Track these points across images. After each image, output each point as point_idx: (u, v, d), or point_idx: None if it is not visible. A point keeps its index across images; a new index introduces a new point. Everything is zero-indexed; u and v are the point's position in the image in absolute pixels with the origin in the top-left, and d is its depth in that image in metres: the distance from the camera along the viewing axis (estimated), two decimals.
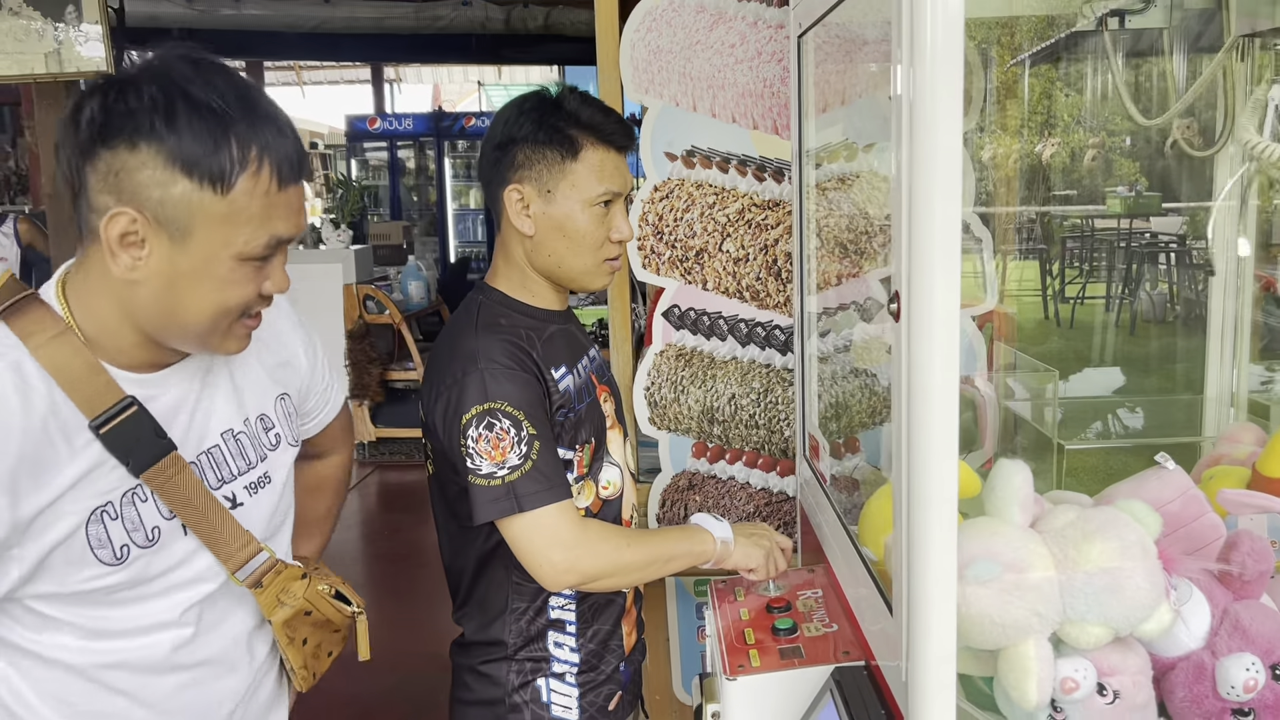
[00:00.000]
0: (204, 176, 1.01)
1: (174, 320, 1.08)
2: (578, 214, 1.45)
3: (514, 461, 1.35)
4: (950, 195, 1.00)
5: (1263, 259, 2.08)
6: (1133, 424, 2.06)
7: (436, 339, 1.53)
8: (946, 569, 1.04)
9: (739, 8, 2.17)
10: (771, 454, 2.29)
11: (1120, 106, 4.17)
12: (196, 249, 1.03)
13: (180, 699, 1.20)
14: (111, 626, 1.13)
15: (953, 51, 0.98)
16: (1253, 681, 1.09)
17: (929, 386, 1.03)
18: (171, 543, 1.14)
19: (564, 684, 1.53)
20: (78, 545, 1.06)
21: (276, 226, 1.07)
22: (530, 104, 1.46)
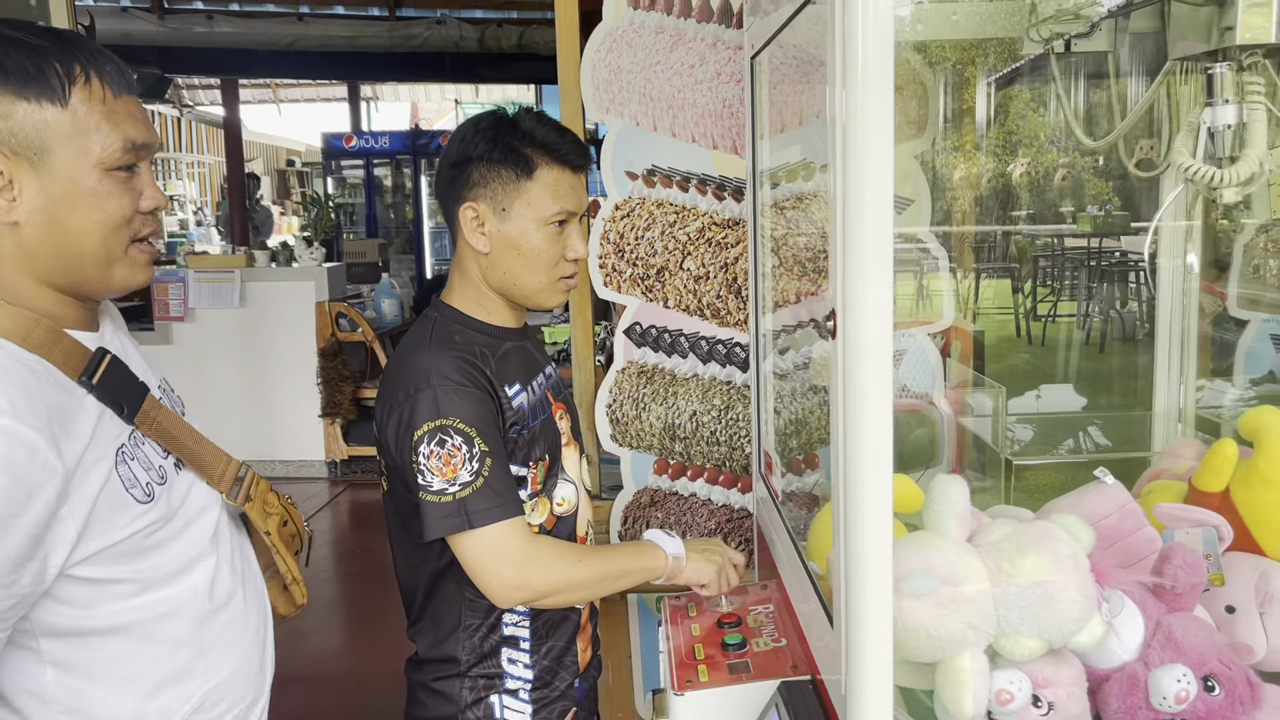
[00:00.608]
0: (39, 95, 1.05)
1: (71, 254, 1.09)
2: (532, 232, 1.47)
3: (465, 478, 1.36)
4: (882, 215, 1.02)
5: (1214, 278, 2.12)
6: (1089, 440, 2.09)
7: (391, 356, 1.54)
8: (882, 582, 1.06)
9: (698, 29, 2.20)
10: (732, 470, 2.31)
11: (1085, 128, 4.21)
12: (59, 167, 1.06)
13: (228, 637, 1.23)
14: (157, 573, 1.14)
15: (883, 76, 1.00)
16: (1184, 693, 1.11)
17: (864, 402, 1.05)
18: (174, 479, 1.18)
19: (517, 700, 1.53)
20: (115, 488, 1.08)
21: (126, 130, 1.10)
22: (486, 123, 1.48)
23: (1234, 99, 1.28)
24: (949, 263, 2.26)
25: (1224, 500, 1.34)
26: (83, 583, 1.07)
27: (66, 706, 1.11)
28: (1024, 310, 8.77)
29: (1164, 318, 1.91)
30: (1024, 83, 4.30)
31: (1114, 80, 1.81)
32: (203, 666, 1.20)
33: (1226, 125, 1.29)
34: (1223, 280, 2.19)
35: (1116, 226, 8.20)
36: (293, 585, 1.37)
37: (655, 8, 2.21)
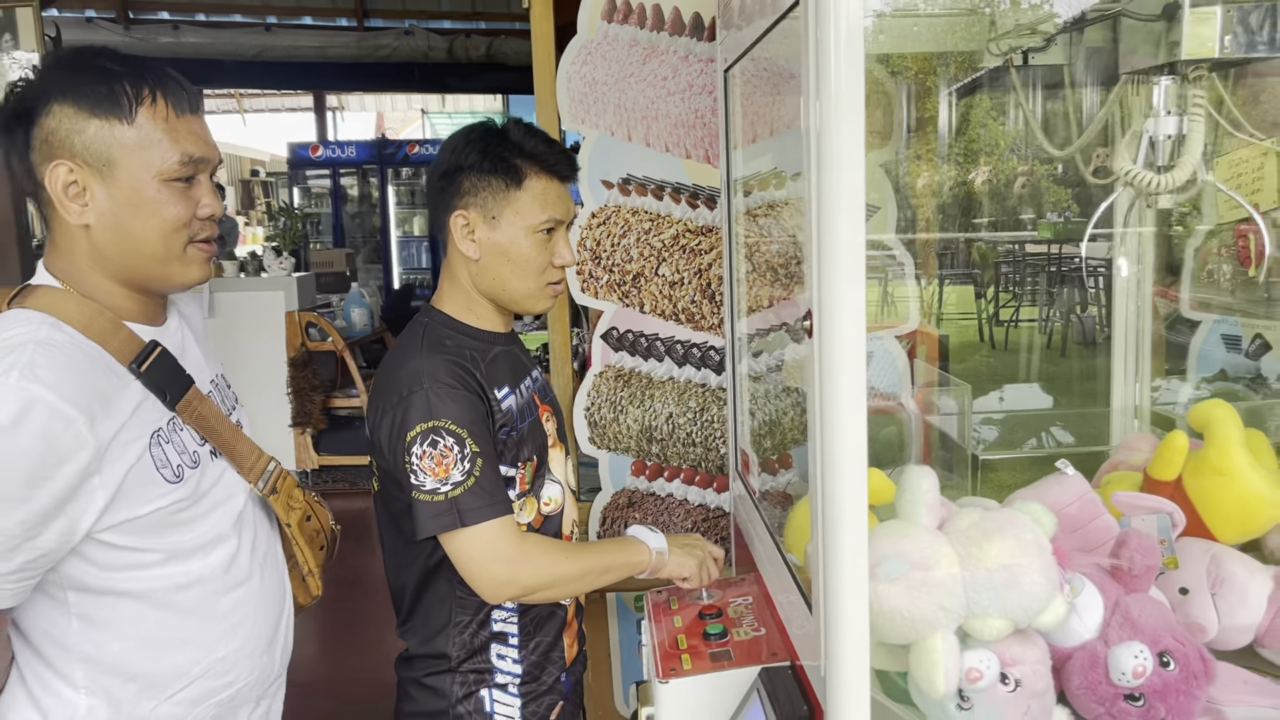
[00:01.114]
0: (108, 113, 1.19)
1: (133, 254, 1.23)
2: (521, 240, 1.52)
3: (457, 478, 1.41)
4: (855, 219, 1.08)
5: (1168, 283, 2.21)
6: (1051, 438, 2.17)
7: (382, 360, 1.59)
8: (859, 568, 1.12)
9: (670, 42, 2.27)
10: (708, 471, 2.37)
11: (1033, 137, 4.32)
12: (124, 177, 1.20)
13: (239, 614, 1.33)
14: (181, 547, 1.25)
15: (855, 87, 1.06)
16: (1141, 668, 1.18)
17: (839, 398, 1.11)
18: (207, 465, 1.30)
19: (507, 694, 1.57)
20: (146, 466, 1.19)
21: (185, 146, 1.23)
22: (476, 133, 1.53)
23: (1176, 110, 1.36)
24: (914, 268, 2.34)
25: (1176, 489, 1.41)
26: (110, 548, 1.19)
27: (85, 655, 1.22)
28: (986, 315, 8.92)
29: (1120, 320, 1.99)
30: (984, 93, 4.41)
31: (1070, 91, 1.90)
32: (213, 637, 1.30)
33: (1167, 135, 1.36)
34: (1176, 284, 2.28)
35: (1075, 233, 8.36)
36: (309, 577, 1.47)
37: (629, 21, 2.27)
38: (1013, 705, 1.17)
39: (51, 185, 1.20)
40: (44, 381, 1.10)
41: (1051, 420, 2.14)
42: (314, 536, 1.46)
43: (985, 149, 5.01)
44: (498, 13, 7.19)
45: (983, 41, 1.76)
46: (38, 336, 1.15)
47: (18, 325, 1.17)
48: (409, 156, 11.64)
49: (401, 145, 11.93)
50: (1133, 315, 1.96)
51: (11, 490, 1.08)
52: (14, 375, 1.09)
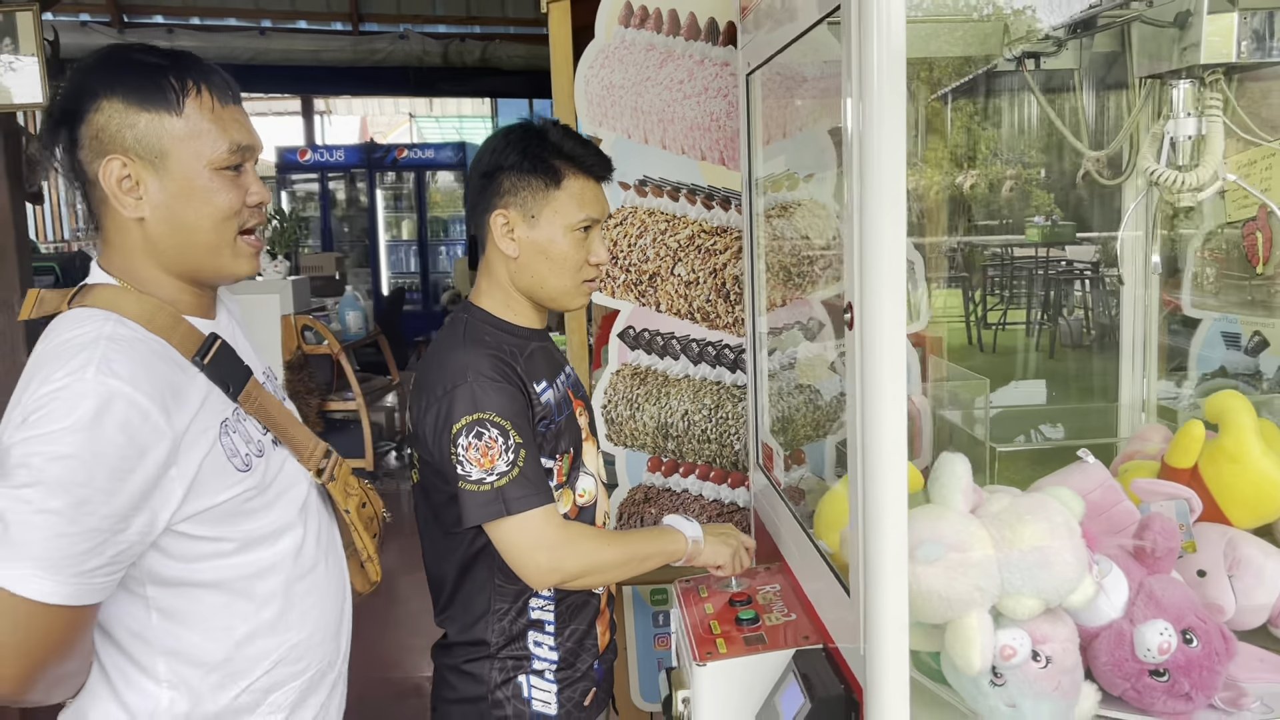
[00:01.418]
0: (157, 106, 1.21)
1: (187, 244, 1.25)
2: (560, 238, 1.56)
3: (502, 468, 1.45)
4: (897, 213, 1.13)
5: (1169, 284, 2.28)
6: (1055, 431, 2.22)
7: (425, 354, 1.62)
8: (899, 550, 1.17)
9: (686, 46, 2.32)
10: (723, 467, 2.42)
11: (1035, 140, 4.37)
12: (176, 168, 1.22)
13: (310, 600, 1.35)
14: (253, 535, 1.27)
15: (897, 87, 1.11)
16: (1166, 644, 1.23)
17: (880, 387, 1.16)
18: (270, 453, 1.32)
19: (544, 680, 1.61)
20: (218, 456, 1.22)
21: (232, 134, 1.26)
22: (516, 135, 1.57)
23: (1194, 112, 1.42)
24: (924, 269, 2.39)
25: (1193, 476, 1.47)
26: (187, 539, 1.21)
27: (166, 647, 1.24)
28: (975, 318, 9.01)
29: (1127, 317, 2.05)
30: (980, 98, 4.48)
31: (1079, 95, 1.96)
32: (286, 624, 1.32)
33: (1187, 136, 1.42)
34: (1174, 283, 2.35)
35: (1063, 236, 8.46)
36: (368, 563, 1.49)
37: (645, 26, 2.32)
38: (1044, 680, 1.22)
39: (105, 180, 1.21)
40: (120, 376, 1.12)
41: (1057, 415, 2.20)
42: (369, 523, 1.48)
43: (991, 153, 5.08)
44: (492, 17, 7.23)
45: (993, 44, 1.82)
46: (106, 332, 1.16)
47: (84, 323, 1.18)
48: (397, 160, 11.66)
49: (390, 149, 11.94)
50: (1140, 313, 2.02)
51: (99, 484, 1.09)
52: (90, 371, 1.11)
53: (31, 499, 1.07)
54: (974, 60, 2.27)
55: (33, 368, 1.16)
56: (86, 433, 1.08)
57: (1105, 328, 7.41)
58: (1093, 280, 8.19)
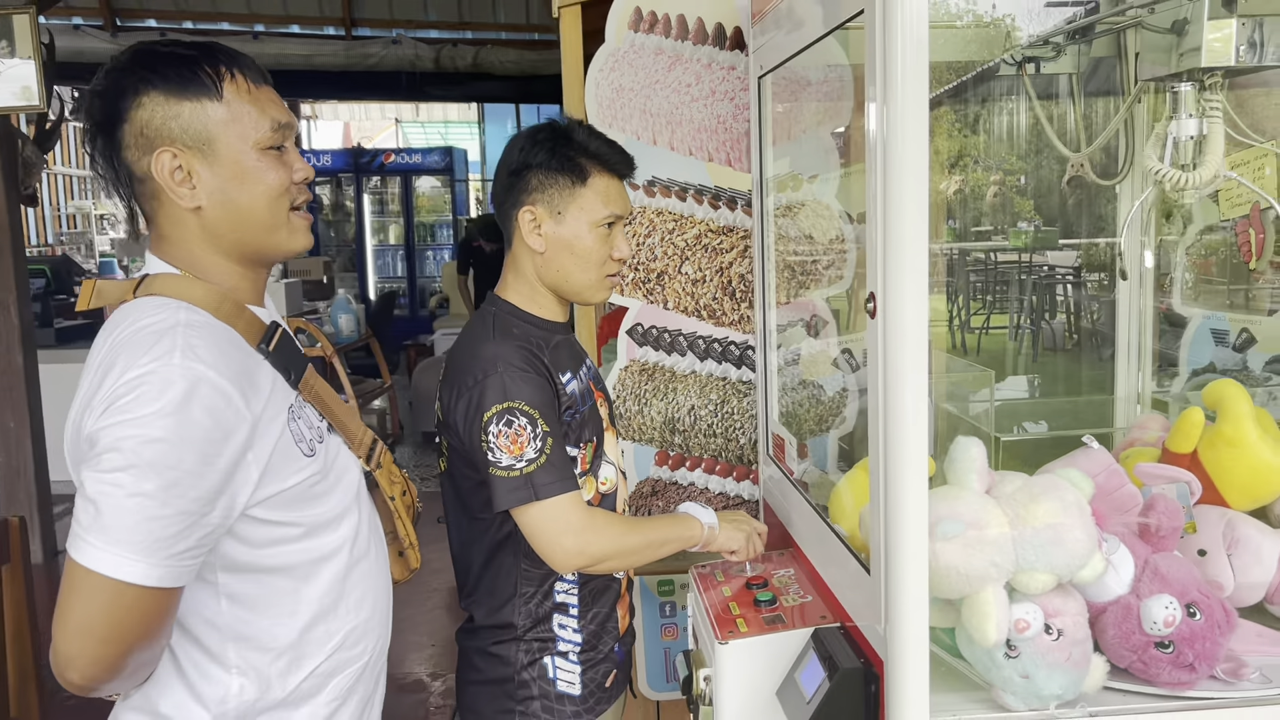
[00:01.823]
0: (198, 93, 1.23)
1: (244, 226, 1.27)
2: (585, 234, 1.62)
3: (531, 455, 1.51)
4: (919, 208, 1.19)
5: (1158, 284, 2.35)
6: (1038, 424, 2.30)
7: (454, 346, 1.68)
8: (920, 528, 1.23)
9: (694, 50, 2.38)
10: (728, 460, 2.48)
11: (1022, 146, 4.45)
12: (225, 152, 1.24)
13: (366, 584, 1.38)
14: (318, 520, 1.30)
15: (920, 89, 1.18)
16: (1171, 617, 1.30)
17: (903, 374, 1.22)
18: (328, 440, 1.35)
19: (568, 662, 1.67)
20: (287, 440, 1.24)
21: (271, 112, 1.28)
22: (543, 134, 1.63)
23: (1195, 114, 1.49)
24: None
25: (1193, 461, 1.54)
26: (259, 523, 1.23)
27: (236, 633, 1.26)
28: (958, 322, 9.12)
29: (1124, 314, 2.12)
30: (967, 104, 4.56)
31: (1076, 100, 2.03)
32: (346, 608, 1.35)
33: (1189, 136, 1.49)
34: (1165, 284, 2.43)
35: (1046, 242, 8.58)
36: (409, 550, 1.52)
37: (654, 30, 2.39)
38: (1056, 652, 1.28)
39: (159, 173, 1.22)
40: (204, 360, 1.14)
41: (1057, 409, 2.27)
42: (409, 509, 1.52)
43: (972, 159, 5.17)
44: (485, 23, 7.29)
45: (986, 51, 1.89)
46: (182, 319, 1.18)
47: (158, 311, 1.20)
48: (384, 165, 11.69)
49: (377, 154, 11.97)
50: (1135, 310, 2.10)
51: (188, 467, 1.11)
52: (177, 356, 1.13)
53: (124, 483, 1.09)
54: (971, 65, 2.34)
55: (108, 356, 1.16)
56: (176, 416, 1.10)
57: (1088, 332, 7.53)
58: (1075, 285, 8.33)
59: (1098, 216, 3.72)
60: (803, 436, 2.36)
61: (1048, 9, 2.03)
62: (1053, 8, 2.04)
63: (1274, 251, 1.99)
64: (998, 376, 6.85)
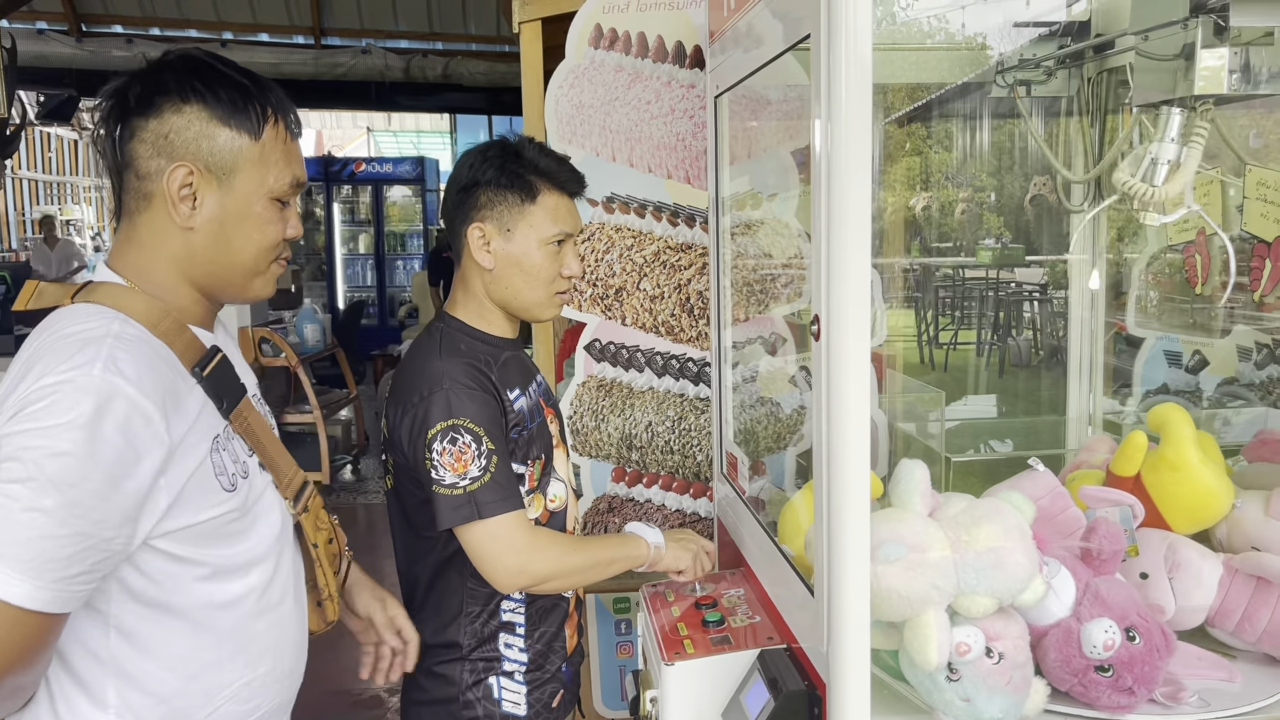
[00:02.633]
0: (240, 126, 1.22)
1: (227, 261, 1.25)
2: (534, 251, 1.62)
3: (474, 473, 1.49)
4: (861, 228, 1.19)
5: (1114, 305, 2.38)
6: (1005, 446, 2.31)
7: (401, 362, 1.67)
8: (862, 550, 1.23)
9: (654, 68, 2.38)
10: (685, 478, 2.47)
11: (985, 164, 4.50)
12: (240, 189, 1.23)
13: (270, 637, 1.30)
14: (227, 563, 1.22)
15: (863, 110, 1.18)
16: (1111, 641, 1.30)
17: (846, 396, 1.22)
18: (254, 477, 1.28)
19: (514, 681, 1.65)
20: (206, 472, 1.17)
21: (295, 169, 1.28)
22: (493, 151, 1.63)
23: (1178, 139, 1.50)
24: (883, 286, 2.47)
25: (1136, 484, 1.55)
26: (162, 556, 1.16)
27: (120, 671, 1.18)
28: (926, 338, 9.19)
29: (1075, 336, 2.14)
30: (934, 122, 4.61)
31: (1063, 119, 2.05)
32: (244, 661, 1.27)
33: (1168, 160, 1.50)
34: (1119, 304, 2.46)
35: (1013, 259, 8.67)
36: (327, 601, 1.43)
37: (615, 47, 2.39)
38: (997, 675, 1.28)
39: (167, 184, 1.19)
40: (126, 376, 1.08)
41: (1011, 429, 2.29)
42: (333, 559, 1.44)
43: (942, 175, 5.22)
44: (455, 34, 7.27)
45: (960, 71, 1.90)
46: (114, 330, 1.13)
47: (90, 318, 1.14)
48: (355, 174, 11.64)
49: (348, 163, 11.92)
50: (1087, 332, 2.11)
51: (93, 486, 1.04)
52: (97, 367, 1.07)
53: (20, 495, 1.01)
54: (942, 85, 2.35)
55: (29, 359, 1.10)
56: (86, 431, 1.04)
57: (1053, 349, 7.61)
58: (1041, 302, 8.42)
59: (1063, 235, 3.78)
60: (760, 454, 2.36)
61: (1017, 28, 2.06)
62: (1021, 27, 2.07)
63: (1225, 274, 2.02)
64: (964, 392, 6.89)
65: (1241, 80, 1.41)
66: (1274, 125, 2.15)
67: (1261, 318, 2.32)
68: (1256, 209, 1.63)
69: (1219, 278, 1.84)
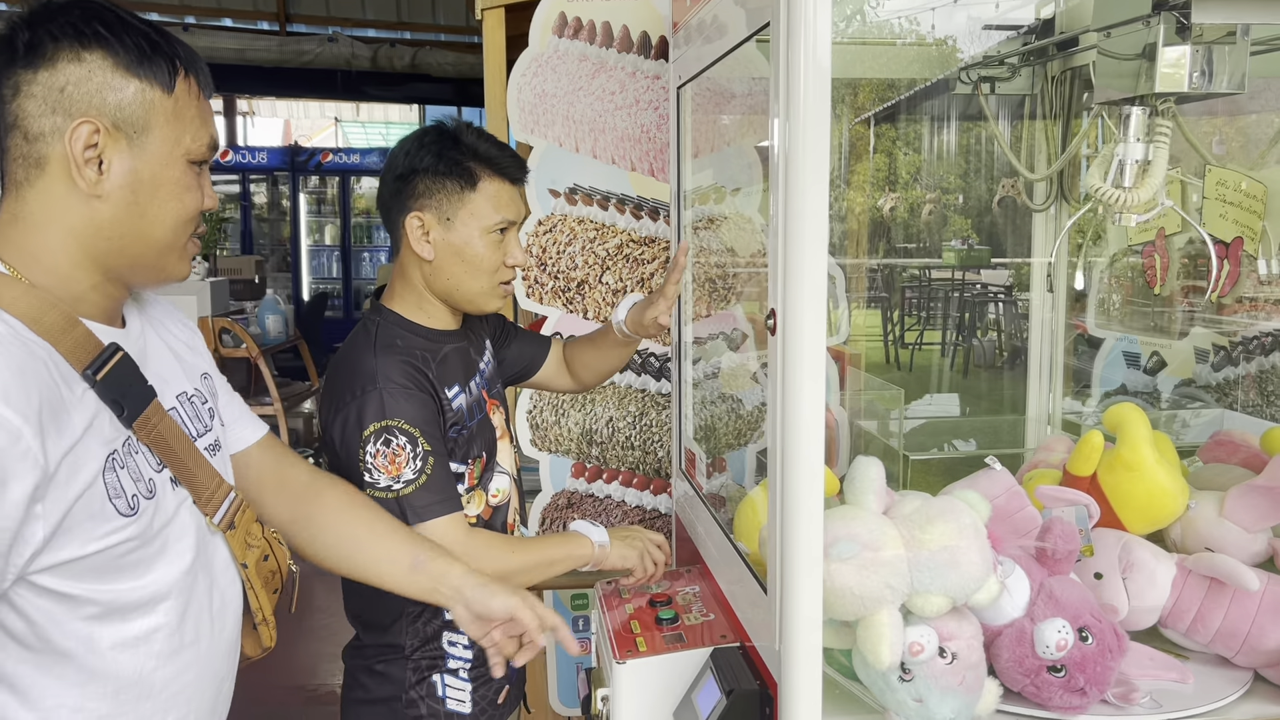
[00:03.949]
0: (151, 77, 1.07)
1: (141, 234, 1.10)
2: (475, 240, 1.57)
3: (408, 476, 1.46)
4: (819, 225, 1.18)
5: (1075, 307, 2.39)
6: (967, 441, 2.32)
7: (333, 359, 1.60)
8: (815, 548, 1.22)
9: (619, 58, 2.36)
10: (645, 474, 2.45)
11: (953, 165, 4.54)
12: (154, 150, 1.08)
13: (181, 682, 1.15)
14: (125, 599, 1.07)
15: (822, 108, 1.16)
16: (1063, 641, 1.30)
17: (800, 394, 1.20)
18: (164, 495, 1.12)
19: (458, 679, 1.62)
20: (98, 495, 1.01)
21: (211, 129, 1.15)
22: (430, 137, 1.58)
23: (1143, 138, 1.49)
24: (845, 285, 2.47)
25: (1092, 484, 1.55)
26: (42, 593, 1.01)
27: None
28: (893, 338, 9.24)
29: (1035, 337, 2.14)
30: (902, 122, 4.62)
31: (1025, 120, 2.04)
32: (150, 709, 1.12)
33: (1135, 160, 1.50)
34: (1080, 307, 2.47)
35: (978, 260, 8.73)
36: (261, 625, 1.29)
37: (579, 36, 2.36)
38: (950, 676, 1.27)
39: (69, 144, 1.03)
40: None
41: (972, 428, 2.29)
42: (270, 578, 1.28)
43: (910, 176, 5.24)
44: (423, 24, 7.20)
45: (929, 69, 1.90)
46: None
47: None
48: (322, 164, 11.51)
49: (314, 153, 11.77)
50: (1047, 334, 2.11)
51: None
52: None
53: None
54: (895, 84, 2.35)
55: None
56: None
57: (1017, 350, 7.68)
58: (1005, 304, 8.50)
59: (1030, 237, 3.80)
60: (721, 451, 2.34)
61: (986, 30, 2.06)
62: (990, 29, 2.06)
63: (1183, 276, 2.03)
64: (928, 391, 6.96)
65: (1203, 79, 1.40)
66: (1236, 133, 2.16)
67: (1220, 321, 2.34)
68: (1215, 209, 1.63)
69: (1177, 280, 1.85)
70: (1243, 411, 2.22)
